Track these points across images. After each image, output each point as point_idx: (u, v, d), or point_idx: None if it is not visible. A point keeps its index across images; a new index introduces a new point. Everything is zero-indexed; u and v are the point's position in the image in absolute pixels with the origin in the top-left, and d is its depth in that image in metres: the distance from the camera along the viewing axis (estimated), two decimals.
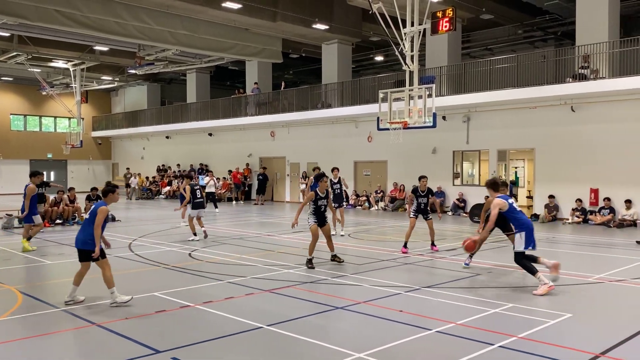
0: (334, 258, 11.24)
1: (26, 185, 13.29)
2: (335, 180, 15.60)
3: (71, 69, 34.14)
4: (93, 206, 8.04)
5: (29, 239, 13.24)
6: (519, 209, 9.25)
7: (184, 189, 15.59)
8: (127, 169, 37.11)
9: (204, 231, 14.99)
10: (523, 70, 20.61)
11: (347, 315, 7.46)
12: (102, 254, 7.93)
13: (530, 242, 8.79)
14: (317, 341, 6.28)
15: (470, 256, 10.82)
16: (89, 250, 7.82)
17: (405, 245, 12.73)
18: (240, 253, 12.59)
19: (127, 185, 34.99)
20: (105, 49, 30.14)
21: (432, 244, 13.08)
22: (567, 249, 14.02)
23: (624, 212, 18.57)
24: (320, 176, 11.54)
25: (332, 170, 15.88)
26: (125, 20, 22.94)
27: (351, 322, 7.22)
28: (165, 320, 7.21)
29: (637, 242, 14.01)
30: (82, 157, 41.85)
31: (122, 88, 43.58)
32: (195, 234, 14.68)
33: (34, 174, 13.63)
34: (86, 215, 8.10)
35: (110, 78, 38.43)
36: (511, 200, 9.14)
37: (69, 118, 39.53)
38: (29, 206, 13.09)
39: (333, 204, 14.26)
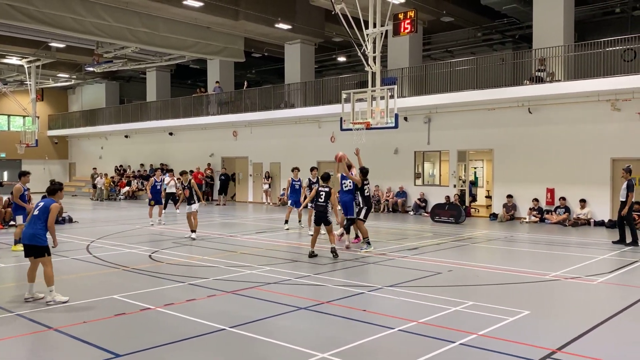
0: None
1: None
2: (314, 180, 15.85)
3: (26, 66, 33.12)
4: (42, 203, 8.06)
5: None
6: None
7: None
8: (94, 169, 36.08)
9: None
10: (482, 72, 21.03)
11: (311, 315, 7.46)
12: (48, 251, 8.00)
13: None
14: (280, 342, 6.26)
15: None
16: (36, 246, 7.91)
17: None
18: (202, 254, 12.45)
19: (94, 186, 34.03)
20: (61, 45, 29.31)
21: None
22: (525, 248, 14.36)
23: (578, 211, 19.14)
24: (327, 177, 12.45)
25: (311, 170, 16.27)
26: (82, 16, 22.36)
27: (314, 322, 7.21)
28: (125, 323, 7.06)
29: (614, 242, 14.26)
30: (38, 156, 40.64)
31: (80, 86, 42.53)
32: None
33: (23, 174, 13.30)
34: (35, 212, 8.00)
35: (67, 75, 37.44)
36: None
37: (24, 116, 38.38)
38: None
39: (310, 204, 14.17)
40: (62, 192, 8.44)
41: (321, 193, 12.30)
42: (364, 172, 13.49)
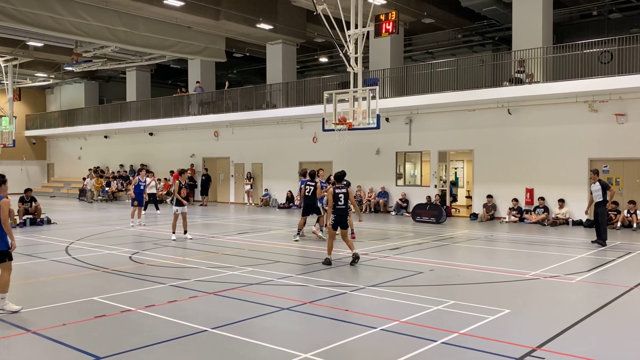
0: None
1: None
2: (324, 181, 15.46)
3: (2, 65, 32.60)
4: None
5: None
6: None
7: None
8: (90, 170, 35.24)
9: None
10: (462, 73, 21.22)
11: (293, 316, 7.45)
12: (9, 256, 7.43)
13: None
14: (263, 343, 6.24)
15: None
16: None
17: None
18: (184, 255, 12.36)
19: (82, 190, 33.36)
20: (39, 44, 28.87)
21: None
22: (505, 247, 14.52)
23: (557, 211, 19.41)
24: (342, 176, 11.37)
25: (318, 171, 15.47)
26: (61, 15, 22.06)
27: (297, 322, 7.21)
28: (105, 325, 6.98)
29: (592, 241, 14.43)
30: (15, 157, 39.99)
31: (58, 86, 41.96)
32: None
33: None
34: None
35: (45, 75, 36.91)
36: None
37: (1, 116, 37.64)
38: None
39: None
40: (5, 185, 7.54)
41: (340, 195, 11.10)
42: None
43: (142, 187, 19.20)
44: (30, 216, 18.57)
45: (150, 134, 33.81)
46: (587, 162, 18.99)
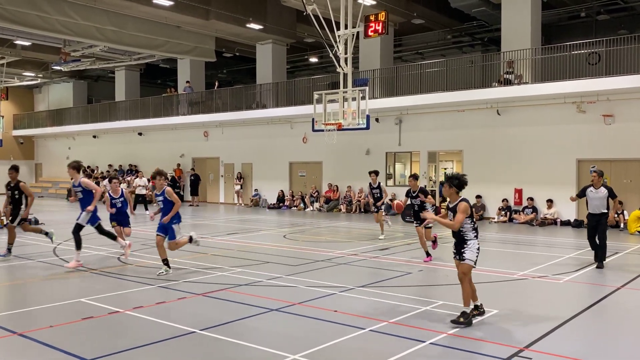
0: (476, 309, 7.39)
1: None
2: (375, 185, 15.11)
3: None
4: None
5: None
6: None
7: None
8: (130, 167, 34.60)
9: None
10: (452, 74, 21.30)
11: (282, 316, 7.44)
12: None
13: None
14: (251, 344, 6.22)
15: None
16: None
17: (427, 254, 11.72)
18: (172, 256, 12.28)
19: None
20: (27, 43, 28.63)
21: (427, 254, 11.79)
22: (493, 247, 14.58)
23: (545, 211, 19.53)
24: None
25: (370, 174, 15.13)
26: (49, 14, 21.88)
27: (286, 323, 7.20)
28: (92, 327, 6.93)
29: (597, 267, 11.45)
30: (2, 157, 39.51)
31: (46, 85, 41.62)
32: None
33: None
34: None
35: (32, 74, 36.61)
36: None
37: None
38: None
39: (373, 208, 14.86)
40: None
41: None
42: None
43: (118, 205, 13.28)
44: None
45: (140, 134, 33.63)
46: (575, 162, 19.13)
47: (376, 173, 15.13)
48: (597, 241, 10.98)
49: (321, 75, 28.84)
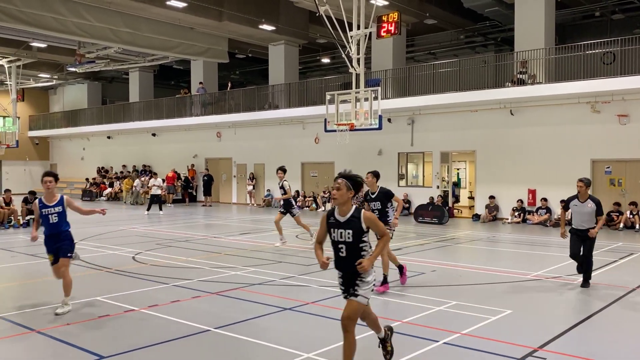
0: None
1: None
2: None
3: (6, 66, 32.65)
4: None
5: None
6: None
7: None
8: (144, 168, 34.22)
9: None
10: (465, 74, 21.23)
11: (295, 316, 7.48)
12: None
13: None
14: (265, 342, 6.27)
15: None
16: None
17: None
18: (186, 256, 12.40)
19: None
20: (43, 45, 28.96)
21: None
22: (507, 248, 14.53)
23: (559, 212, 19.38)
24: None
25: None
26: (64, 16, 22.12)
27: (299, 323, 7.24)
28: (109, 325, 7.02)
29: (582, 285, 10.11)
30: (18, 157, 40.09)
31: (61, 86, 42.03)
32: None
33: None
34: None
35: (48, 76, 36.99)
36: None
37: (4, 117, 37.73)
38: None
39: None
40: None
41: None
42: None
43: (52, 220, 8.36)
44: (34, 216, 18.61)
45: (153, 134, 33.87)
46: (590, 162, 18.98)
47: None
48: (583, 258, 9.31)
49: (333, 75, 28.86)
